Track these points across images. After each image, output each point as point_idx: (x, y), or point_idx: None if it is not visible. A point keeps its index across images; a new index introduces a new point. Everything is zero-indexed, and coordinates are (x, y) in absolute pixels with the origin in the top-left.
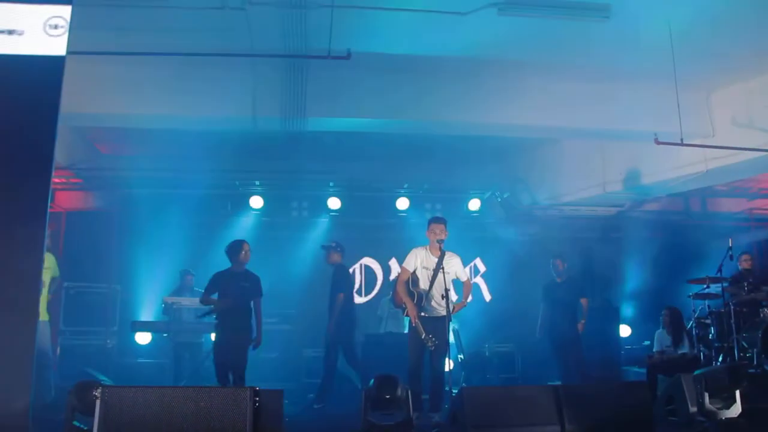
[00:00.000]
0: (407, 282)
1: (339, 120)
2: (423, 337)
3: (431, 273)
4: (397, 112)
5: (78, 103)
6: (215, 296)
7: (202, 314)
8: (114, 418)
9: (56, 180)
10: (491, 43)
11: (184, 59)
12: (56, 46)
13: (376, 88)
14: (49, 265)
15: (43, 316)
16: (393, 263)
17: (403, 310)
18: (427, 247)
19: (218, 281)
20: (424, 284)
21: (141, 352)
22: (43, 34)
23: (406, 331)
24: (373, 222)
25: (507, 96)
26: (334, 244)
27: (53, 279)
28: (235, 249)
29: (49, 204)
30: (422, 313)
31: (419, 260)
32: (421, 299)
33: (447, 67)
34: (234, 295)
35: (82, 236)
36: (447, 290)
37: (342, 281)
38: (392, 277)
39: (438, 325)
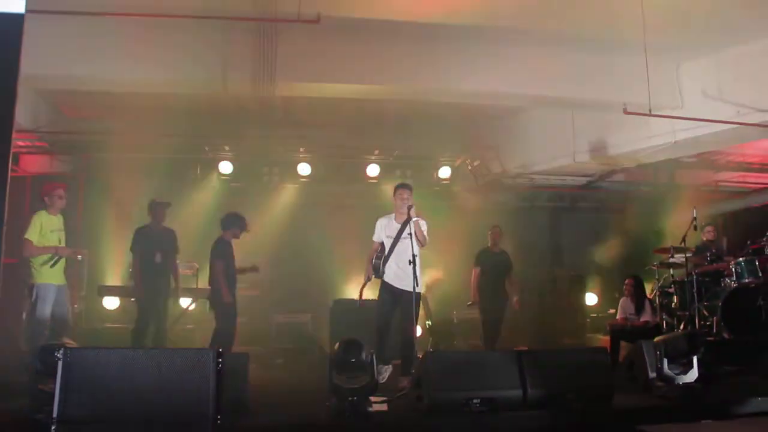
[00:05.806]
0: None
1: (309, 85)
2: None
3: (392, 240)
4: (367, 78)
5: (40, 64)
6: None
7: None
8: (75, 379)
9: (21, 143)
10: (463, 9)
11: (153, 20)
12: (14, 2)
13: (346, 54)
14: (62, 227)
15: (60, 280)
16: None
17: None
18: (393, 214)
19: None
20: (387, 251)
21: (109, 317)
22: None
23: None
24: (343, 188)
25: (478, 63)
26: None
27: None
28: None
29: (9, 167)
30: (384, 275)
31: (383, 230)
32: (380, 261)
33: (418, 33)
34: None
35: None
36: (414, 256)
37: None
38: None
39: (405, 294)
